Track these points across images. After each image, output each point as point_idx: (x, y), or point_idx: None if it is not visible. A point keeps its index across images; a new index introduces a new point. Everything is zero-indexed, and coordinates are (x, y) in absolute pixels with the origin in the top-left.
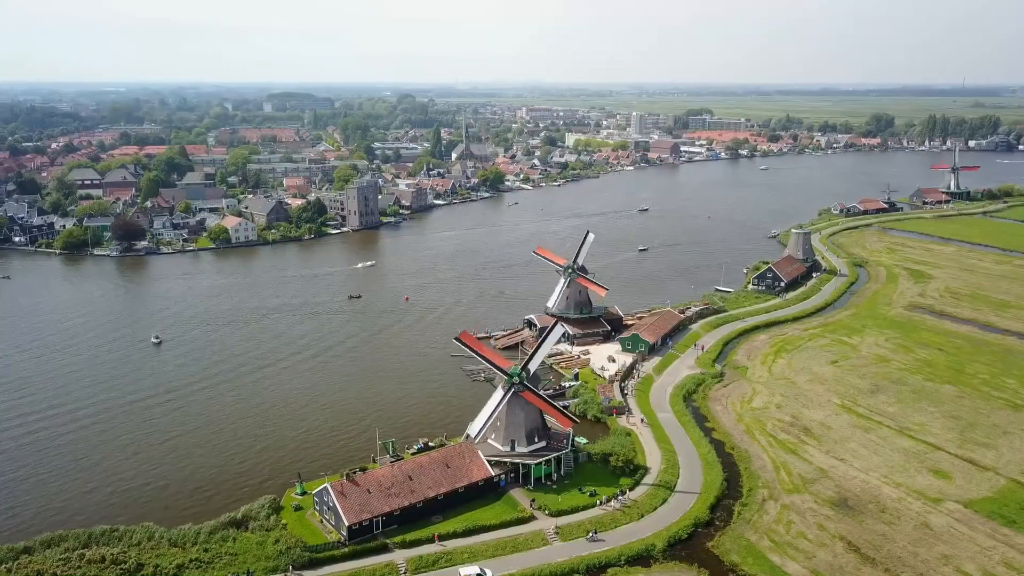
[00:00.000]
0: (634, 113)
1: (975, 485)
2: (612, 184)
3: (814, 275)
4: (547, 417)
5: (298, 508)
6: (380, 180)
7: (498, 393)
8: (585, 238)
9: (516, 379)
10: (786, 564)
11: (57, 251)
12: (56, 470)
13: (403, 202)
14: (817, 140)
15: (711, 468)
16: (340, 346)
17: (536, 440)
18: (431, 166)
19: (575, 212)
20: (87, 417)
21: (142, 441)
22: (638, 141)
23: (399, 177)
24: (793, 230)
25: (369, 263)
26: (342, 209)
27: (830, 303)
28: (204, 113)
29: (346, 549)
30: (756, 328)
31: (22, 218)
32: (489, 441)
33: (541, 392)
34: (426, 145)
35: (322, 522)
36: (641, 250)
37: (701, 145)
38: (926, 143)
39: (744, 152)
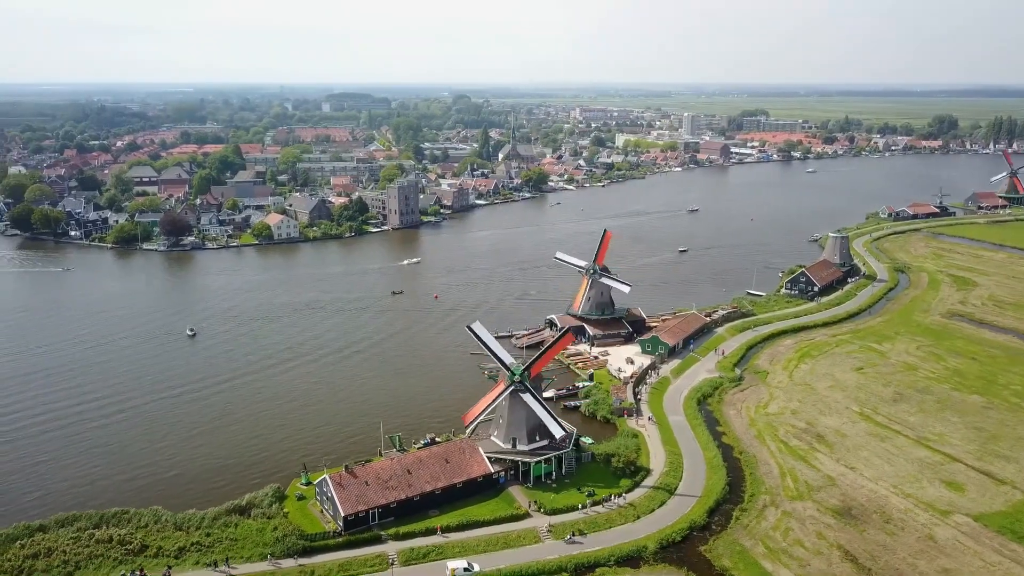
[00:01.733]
0: (686, 114)
1: (989, 499)
2: (657, 185)
3: (851, 280)
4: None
5: (301, 498)
6: (424, 180)
7: (498, 388)
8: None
9: (517, 377)
10: (778, 571)
11: (109, 245)
12: (77, 455)
13: (444, 202)
14: (875, 142)
15: (715, 472)
16: (365, 342)
17: (538, 439)
18: (475, 166)
19: (616, 213)
20: (114, 406)
21: (162, 430)
22: (688, 142)
23: (443, 177)
24: (830, 234)
25: (415, 260)
26: (383, 208)
27: (864, 309)
28: (264, 113)
29: (340, 539)
30: (783, 333)
31: (79, 213)
32: (491, 438)
33: (540, 395)
34: (475, 146)
35: (322, 512)
36: (681, 251)
37: (753, 147)
38: (991, 146)
39: (797, 154)
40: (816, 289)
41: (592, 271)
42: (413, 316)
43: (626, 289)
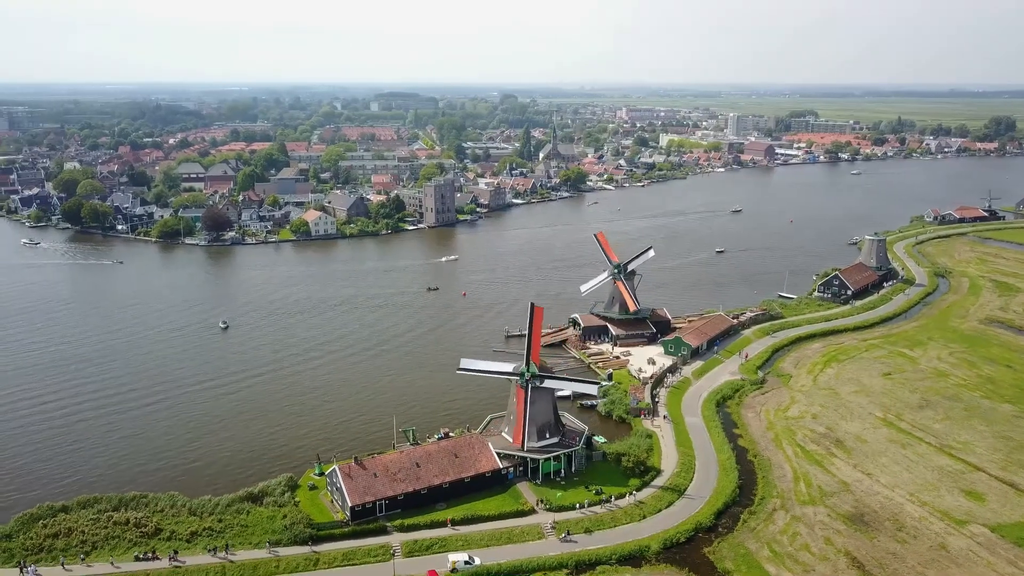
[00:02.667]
0: (731, 114)
1: (1009, 509)
2: (698, 186)
3: (888, 284)
4: (562, 415)
5: (313, 488)
6: (461, 179)
7: (519, 395)
8: (645, 251)
9: (528, 375)
10: (781, 575)
11: (154, 239)
12: (107, 442)
13: (481, 200)
14: (926, 144)
15: (727, 474)
16: (394, 340)
17: (547, 436)
18: (514, 165)
19: (653, 212)
20: (144, 396)
21: (187, 420)
22: (732, 143)
23: (482, 176)
24: (867, 236)
25: (453, 257)
26: (420, 206)
27: (898, 313)
28: (314, 112)
29: (347, 529)
30: (811, 336)
31: (126, 208)
32: (503, 435)
33: (546, 398)
34: (516, 145)
35: (332, 502)
36: (718, 252)
37: (799, 148)
38: None
39: (844, 156)
40: (850, 292)
41: (616, 270)
42: (442, 313)
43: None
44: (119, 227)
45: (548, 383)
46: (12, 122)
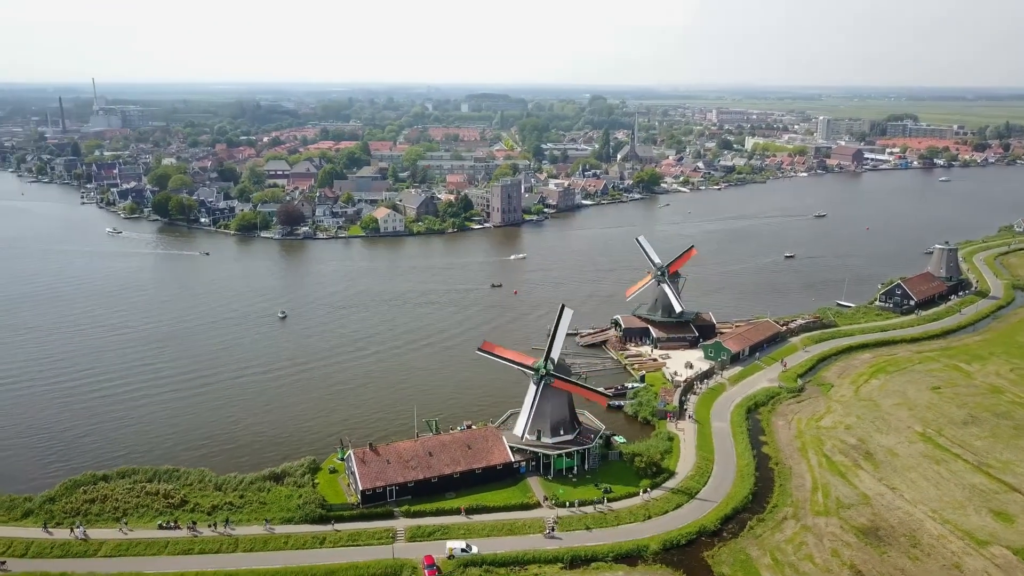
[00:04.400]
0: (821, 117)
1: None
2: (778, 190)
3: (960, 294)
4: (581, 412)
5: (333, 471)
6: (533, 179)
7: (532, 390)
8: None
9: (543, 371)
10: None
11: (232, 232)
12: (153, 419)
13: (549, 201)
14: None
15: (743, 480)
16: (441, 335)
17: (562, 432)
18: (587, 167)
19: (724, 216)
20: (198, 378)
21: (232, 403)
22: (819, 147)
23: (555, 177)
24: (937, 245)
25: (521, 255)
26: (487, 206)
27: (963, 326)
28: (405, 112)
29: (356, 511)
30: (862, 347)
31: (210, 202)
32: (517, 429)
33: (565, 394)
34: (596, 147)
35: (348, 486)
36: (788, 257)
37: (892, 153)
38: None
39: (940, 161)
40: (912, 303)
41: (661, 272)
42: (492, 310)
43: (677, 308)
44: (202, 220)
45: (559, 383)
46: (125, 120)
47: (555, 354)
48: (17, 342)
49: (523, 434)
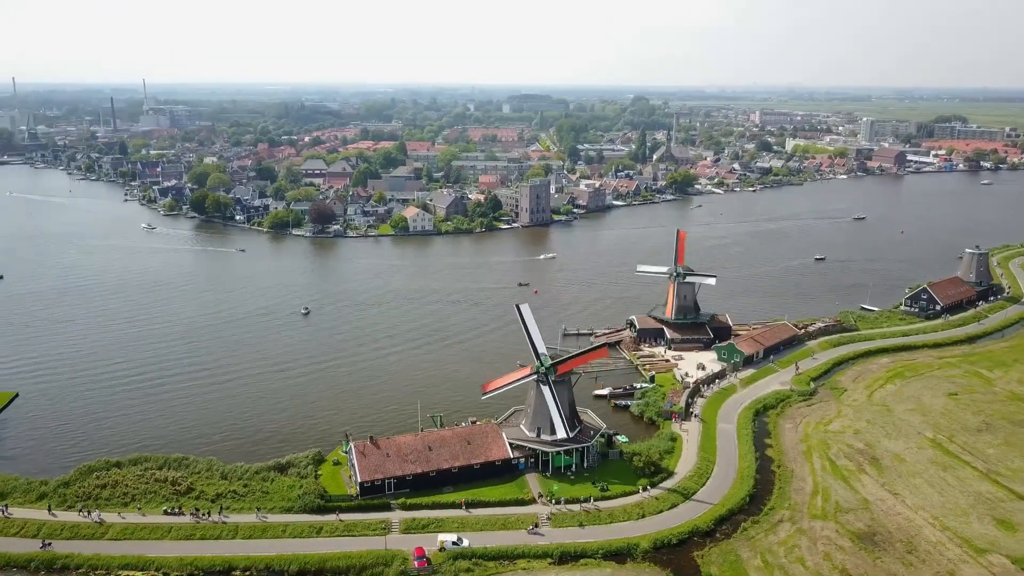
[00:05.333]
0: (864, 118)
1: None
2: (814, 192)
3: (991, 299)
4: (585, 411)
5: (336, 463)
6: (564, 180)
7: (524, 371)
8: (707, 277)
9: (543, 370)
10: None
11: (265, 229)
12: (170, 410)
13: (579, 201)
14: None
15: (743, 482)
16: (460, 335)
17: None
18: (621, 167)
19: (756, 217)
20: (219, 371)
21: (245, 396)
22: (860, 148)
23: (588, 178)
24: (967, 249)
25: (551, 255)
26: (516, 206)
27: (990, 332)
28: (446, 113)
29: (354, 503)
30: (882, 351)
31: (246, 200)
32: (520, 426)
33: (567, 392)
34: (633, 147)
35: (350, 478)
36: (818, 259)
37: (938, 155)
38: None
39: (987, 164)
40: (939, 307)
41: (675, 273)
42: (513, 311)
43: (711, 281)
44: (237, 217)
45: (545, 391)
46: (173, 120)
47: (542, 348)
48: (49, 334)
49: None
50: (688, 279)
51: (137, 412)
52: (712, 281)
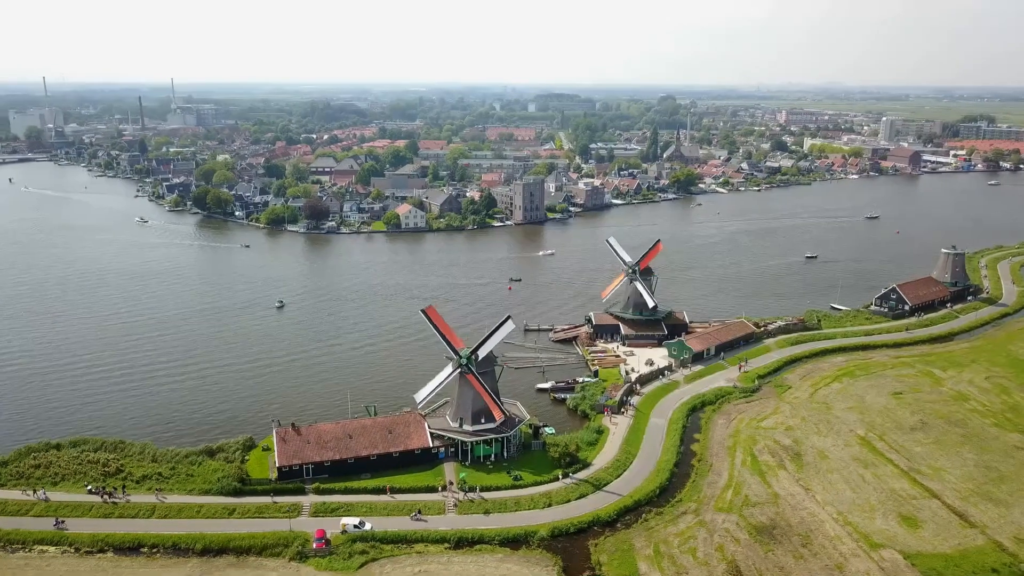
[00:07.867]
0: (884, 118)
1: (941, 539)
2: (822, 192)
3: (968, 300)
4: (513, 403)
5: (266, 449)
6: (564, 178)
7: (447, 370)
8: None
9: (463, 360)
10: (651, 574)
11: (262, 225)
12: (122, 397)
13: (577, 200)
14: None
15: (658, 475)
16: (420, 332)
17: (483, 421)
18: (624, 166)
19: (753, 217)
20: (187, 363)
21: (199, 386)
22: (876, 148)
23: (591, 176)
24: (943, 250)
25: (549, 252)
26: (511, 204)
27: (957, 332)
28: (471, 111)
29: (270, 486)
30: (838, 350)
31: (247, 196)
32: (445, 416)
33: (492, 380)
34: (642, 146)
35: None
36: (808, 257)
37: (958, 155)
38: None
39: (1007, 165)
40: (907, 308)
41: (632, 270)
42: (487, 308)
43: (650, 303)
44: (236, 213)
45: (472, 379)
46: (200, 119)
47: (483, 352)
48: (21, 325)
49: (422, 401)
50: (635, 284)
51: (89, 399)
52: (651, 304)
